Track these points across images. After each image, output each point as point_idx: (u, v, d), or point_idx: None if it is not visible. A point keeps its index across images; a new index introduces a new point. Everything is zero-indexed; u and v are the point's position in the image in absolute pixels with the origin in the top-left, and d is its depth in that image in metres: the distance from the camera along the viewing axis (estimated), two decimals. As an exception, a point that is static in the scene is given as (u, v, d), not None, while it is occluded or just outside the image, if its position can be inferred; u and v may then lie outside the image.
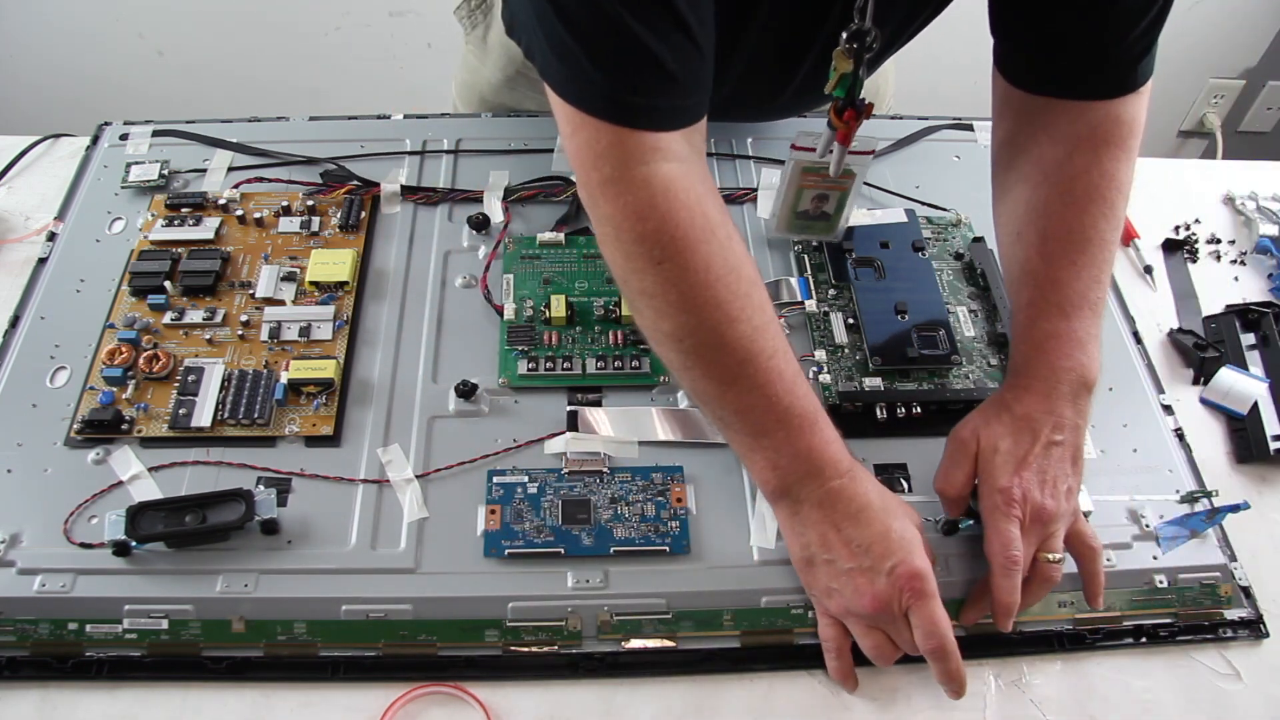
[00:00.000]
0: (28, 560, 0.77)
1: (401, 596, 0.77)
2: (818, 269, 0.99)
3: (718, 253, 0.73)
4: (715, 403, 0.76)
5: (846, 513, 0.74)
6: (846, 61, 0.73)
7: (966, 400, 0.89)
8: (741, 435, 0.76)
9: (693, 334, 0.73)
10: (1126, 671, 0.79)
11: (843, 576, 0.73)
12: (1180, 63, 2.24)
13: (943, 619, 0.72)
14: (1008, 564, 0.75)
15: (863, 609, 0.72)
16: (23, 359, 0.90)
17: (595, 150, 0.72)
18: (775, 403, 0.74)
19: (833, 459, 0.75)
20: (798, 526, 0.76)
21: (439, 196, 1.05)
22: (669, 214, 0.72)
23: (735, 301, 0.73)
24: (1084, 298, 0.81)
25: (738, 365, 0.73)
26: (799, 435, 0.74)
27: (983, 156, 1.12)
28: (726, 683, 0.77)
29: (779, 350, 0.74)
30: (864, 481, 0.76)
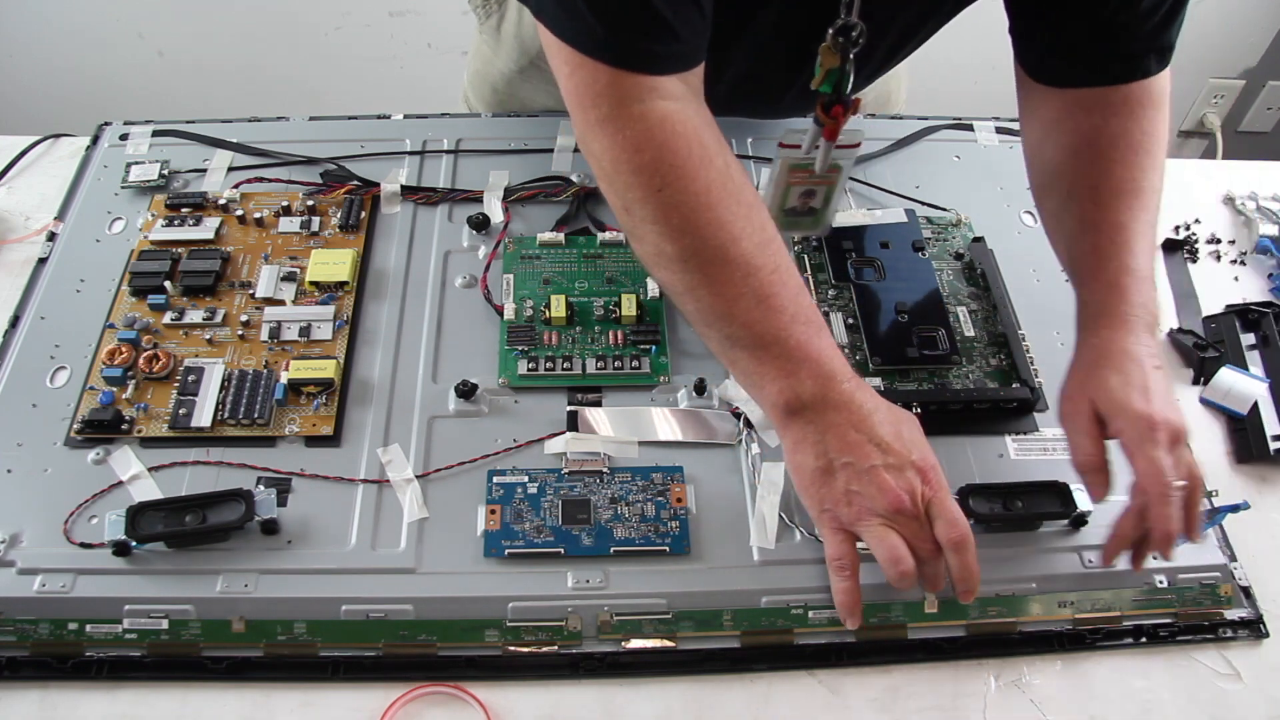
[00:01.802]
0: (28, 560, 0.77)
1: (401, 596, 0.77)
2: (817, 269, 0.99)
3: (717, 177, 0.74)
4: (723, 319, 0.75)
5: (860, 415, 0.74)
6: (833, 57, 0.75)
7: (966, 400, 0.89)
8: (752, 350, 0.75)
9: (697, 254, 0.74)
10: (1126, 671, 0.79)
11: (864, 476, 0.73)
12: (1180, 63, 2.21)
13: (961, 512, 0.74)
14: (1167, 491, 0.74)
15: (887, 505, 0.72)
16: (23, 359, 0.90)
17: (593, 90, 0.74)
18: (783, 311, 0.74)
19: (840, 365, 0.75)
20: (814, 435, 0.75)
21: (439, 196, 1.05)
22: (665, 143, 0.73)
23: (737, 221, 0.74)
24: (1144, 239, 0.83)
25: (742, 279, 0.74)
26: (808, 344, 0.74)
27: (983, 156, 1.13)
28: (726, 683, 0.77)
29: (781, 265, 0.75)
30: (869, 390, 0.77)
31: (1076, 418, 0.80)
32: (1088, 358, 0.81)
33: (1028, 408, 0.90)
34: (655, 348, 0.92)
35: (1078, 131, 0.87)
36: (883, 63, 1.00)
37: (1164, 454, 0.75)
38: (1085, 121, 0.86)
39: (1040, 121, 0.90)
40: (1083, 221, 0.85)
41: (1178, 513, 0.75)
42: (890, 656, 0.79)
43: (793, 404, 0.75)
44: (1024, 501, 0.82)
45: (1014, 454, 0.88)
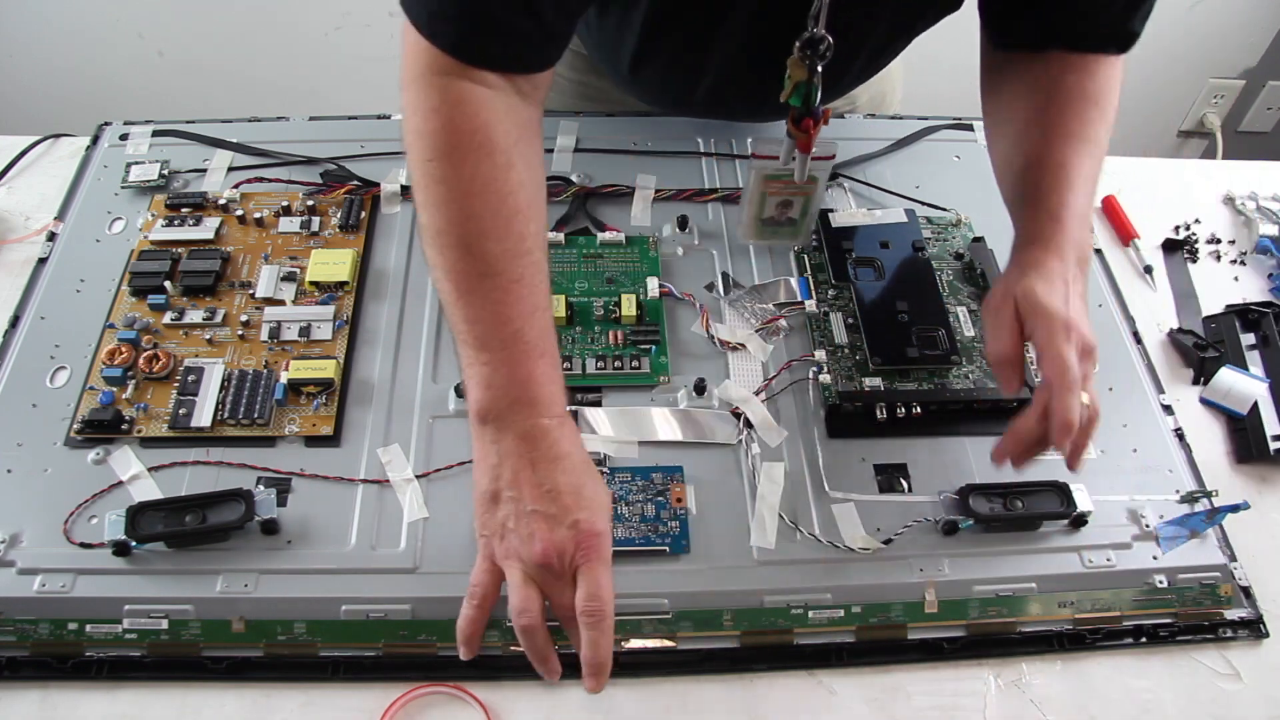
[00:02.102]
0: (28, 560, 0.77)
1: (401, 596, 0.77)
2: (817, 269, 0.99)
3: (488, 170, 0.74)
4: (450, 307, 0.75)
5: (547, 455, 0.72)
6: (800, 69, 0.74)
7: (966, 400, 0.89)
8: (466, 348, 0.74)
9: (443, 235, 0.74)
10: (1126, 671, 0.79)
11: (523, 517, 0.71)
12: (1180, 63, 2.24)
13: (609, 588, 0.70)
14: (1071, 382, 0.75)
15: (532, 555, 0.70)
16: (23, 359, 0.90)
17: (415, 49, 0.75)
18: (506, 323, 0.73)
19: (548, 398, 0.74)
20: (493, 456, 0.73)
21: (439, 196, 1.05)
22: (451, 120, 0.73)
23: (492, 220, 0.74)
24: (1087, 181, 0.85)
25: (478, 277, 0.73)
26: (521, 361, 0.73)
27: (983, 156, 1.13)
28: (726, 683, 0.77)
29: (526, 279, 0.74)
30: (571, 434, 0.74)
31: (999, 314, 0.80)
32: (1017, 269, 0.82)
33: (1028, 408, 0.90)
34: (655, 348, 0.92)
35: (1035, 82, 0.88)
36: (860, 74, 1.01)
37: (1072, 353, 0.76)
38: (1043, 74, 0.88)
39: (999, 78, 0.92)
40: (1029, 159, 0.86)
41: (1078, 404, 0.75)
42: (890, 656, 0.79)
43: (484, 416, 0.73)
44: (1024, 501, 0.82)
45: (1014, 454, 0.88)
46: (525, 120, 0.78)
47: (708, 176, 1.10)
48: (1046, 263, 0.81)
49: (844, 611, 0.79)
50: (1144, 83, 2.26)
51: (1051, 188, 0.84)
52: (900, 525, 0.82)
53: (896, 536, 0.81)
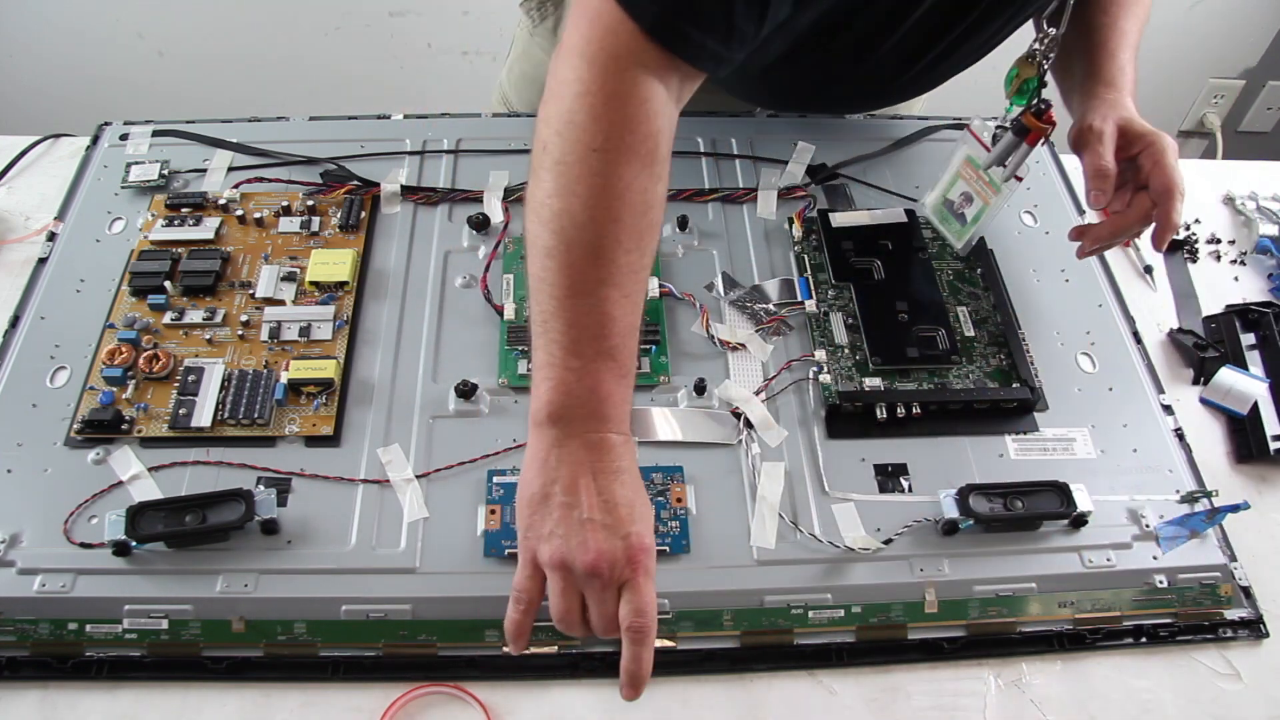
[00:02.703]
0: (28, 560, 0.77)
1: (401, 596, 0.77)
2: (817, 269, 0.99)
3: (644, 180, 0.72)
4: (554, 303, 0.72)
5: (609, 467, 0.71)
6: (1030, 68, 0.83)
7: (966, 400, 0.89)
8: (556, 347, 0.72)
9: (577, 228, 0.71)
10: (1126, 671, 0.79)
11: (576, 524, 0.69)
12: (1180, 63, 2.24)
13: (654, 604, 0.69)
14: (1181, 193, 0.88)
15: (583, 563, 0.68)
16: (23, 359, 0.90)
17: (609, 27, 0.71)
18: (606, 337, 0.72)
19: (621, 416, 0.73)
20: (552, 459, 0.71)
21: (439, 196, 1.05)
22: (635, 118, 0.72)
23: (631, 230, 0.72)
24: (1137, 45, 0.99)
25: (595, 282, 0.72)
26: (606, 376, 0.72)
27: (983, 156, 1.13)
28: (726, 683, 0.77)
29: (634, 297, 0.74)
30: (633, 453, 0.74)
31: (1104, 133, 0.90)
32: (1102, 103, 0.93)
33: (1028, 407, 0.90)
34: (655, 348, 0.92)
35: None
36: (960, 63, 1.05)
37: (1178, 166, 0.88)
38: None
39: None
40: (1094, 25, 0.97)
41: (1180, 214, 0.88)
42: (890, 657, 0.79)
43: (553, 417, 0.72)
44: (1024, 501, 0.81)
45: (1014, 454, 0.88)
46: (674, 130, 0.77)
47: (708, 176, 1.10)
48: (1126, 102, 0.93)
49: (844, 611, 0.79)
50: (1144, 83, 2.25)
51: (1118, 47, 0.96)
52: (900, 525, 0.82)
53: (896, 536, 0.81)
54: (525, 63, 1.23)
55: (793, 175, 1.09)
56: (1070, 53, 0.97)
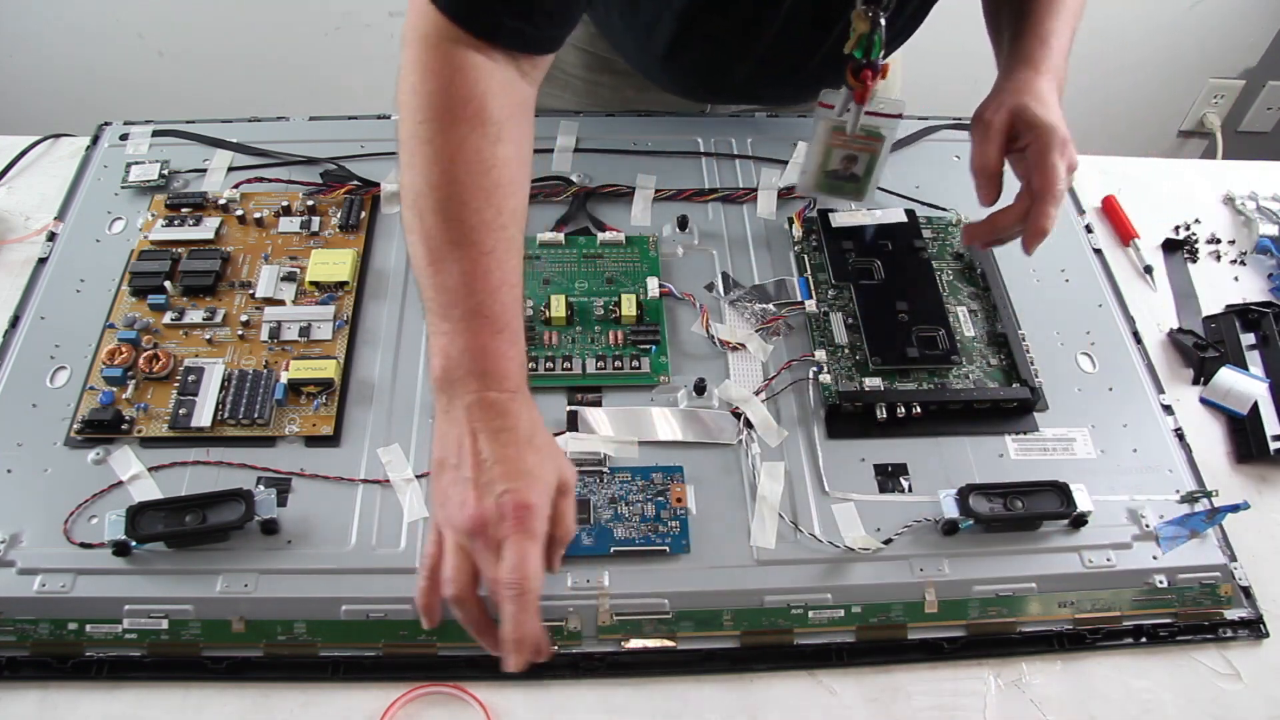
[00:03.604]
0: (28, 560, 0.77)
1: (401, 596, 0.77)
2: (817, 269, 0.99)
3: (478, 140, 0.74)
4: (420, 273, 0.74)
5: (490, 426, 0.70)
6: (864, 22, 0.76)
7: (966, 400, 0.89)
8: (431, 315, 0.74)
9: (423, 198, 0.74)
10: (1126, 671, 0.79)
11: (459, 485, 0.69)
12: (1180, 63, 2.24)
13: (536, 562, 0.66)
14: (1058, 195, 0.83)
15: (461, 522, 0.68)
16: (23, 359, 0.90)
17: (421, 12, 0.75)
18: (471, 295, 0.73)
19: (504, 372, 0.72)
20: (445, 424, 0.72)
21: (439, 196, 1.05)
22: (449, 85, 0.74)
23: (473, 189, 0.73)
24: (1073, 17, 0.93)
25: (451, 245, 0.73)
26: (479, 333, 0.72)
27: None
28: (726, 683, 0.77)
29: (498, 253, 0.74)
30: (525, 410, 0.73)
31: (991, 126, 0.86)
32: (1010, 86, 0.88)
33: (1028, 408, 0.90)
34: (655, 348, 0.92)
35: None
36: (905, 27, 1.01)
37: (1062, 164, 0.83)
38: None
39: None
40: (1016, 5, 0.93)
41: (1056, 214, 0.83)
42: (890, 656, 0.79)
43: (438, 383, 0.73)
44: (1024, 501, 0.81)
45: (1014, 454, 0.88)
46: (521, 99, 0.79)
47: (708, 176, 1.10)
48: (1038, 84, 0.87)
49: (844, 611, 0.79)
50: (1144, 83, 2.26)
51: (1042, 16, 0.90)
52: (900, 525, 0.82)
53: (896, 536, 0.81)
54: None
55: (793, 175, 1.09)
56: (1001, 18, 0.95)
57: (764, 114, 1.18)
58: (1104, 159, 1.21)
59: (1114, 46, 2.15)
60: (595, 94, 1.17)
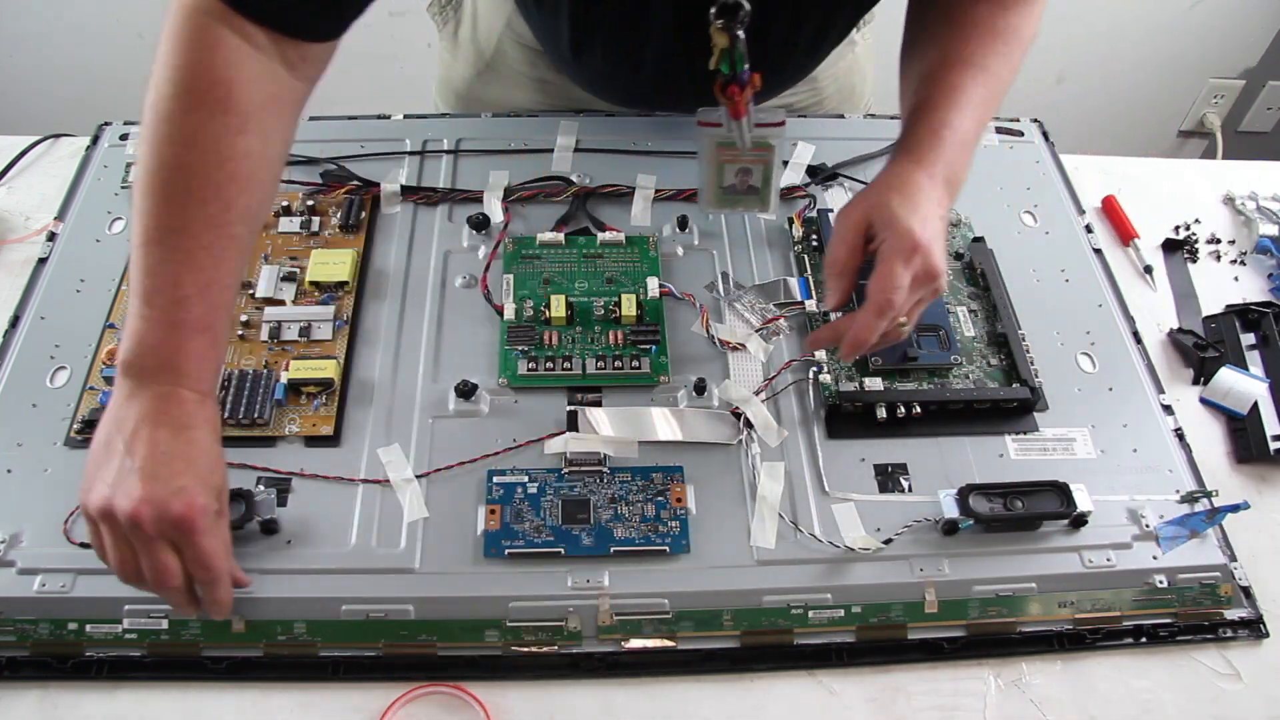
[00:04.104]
0: (28, 560, 0.77)
1: (401, 596, 0.77)
2: (817, 269, 0.99)
3: (217, 128, 0.70)
4: (133, 251, 0.71)
5: (174, 422, 0.70)
6: (721, 36, 0.72)
7: (967, 400, 0.89)
8: (134, 297, 0.71)
9: (151, 176, 0.70)
10: (1126, 671, 0.79)
11: (127, 472, 0.68)
12: (1180, 63, 2.24)
13: (215, 551, 0.70)
14: (886, 305, 0.76)
15: (124, 511, 0.67)
16: (23, 359, 0.90)
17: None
18: (177, 286, 0.70)
19: (196, 372, 0.71)
20: (122, 410, 0.70)
21: (439, 196, 1.05)
22: (197, 64, 0.70)
23: (201, 179, 0.70)
24: (977, 108, 0.83)
25: (167, 231, 0.70)
26: (179, 328, 0.70)
27: (982, 156, 1.13)
28: (726, 683, 0.77)
29: (215, 249, 0.71)
30: (209, 414, 0.72)
31: (847, 222, 0.80)
32: (882, 180, 0.81)
33: (1028, 408, 0.90)
34: (655, 348, 0.92)
35: (947, 11, 0.86)
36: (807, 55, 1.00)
37: (905, 274, 0.76)
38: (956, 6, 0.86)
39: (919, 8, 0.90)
40: (925, 76, 0.85)
41: (881, 328, 0.77)
42: (890, 657, 0.79)
43: (127, 366, 0.71)
44: (1024, 501, 0.81)
45: (1014, 454, 0.88)
46: (281, 92, 0.75)
47: (708, 176, 1.09)
48: (914, 178, 0.79)
49: (844, 611, 0.79)
50: (1144, 83, 2.26)
51: (937, 105, 0.82)
52: (900, 525, 0.82)
53: (896, 536, 0.81)
54: (440, 67, 1.24)
55: (792, 175, 1.09)
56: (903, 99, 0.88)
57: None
58: (1104, 159, 1.21)
59: (1114, 46, 2.15)
60: (545, 90, 1.16)
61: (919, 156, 0.81)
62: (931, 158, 0.80)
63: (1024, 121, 1.19)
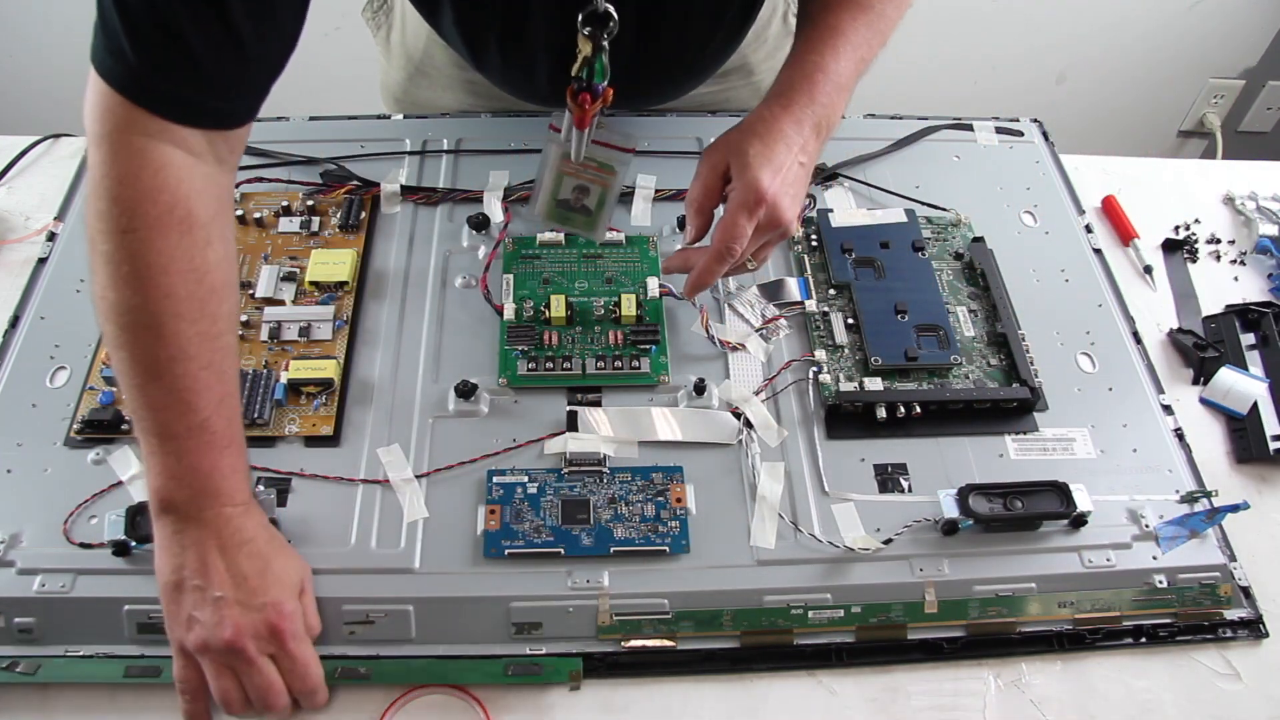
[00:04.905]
0: (28, 560, 0.77)
1: (401, 596, 0.77)
2: (817, 269, 0.99)
3: (187, 247, 0.70)
4: (135, 392, 0.71)
5: (232, 541, 0.71)
6: (586, 44, 0.73)
7: (967, 400, 0.89)
8: (149, 435, 0.71)
9: (133, 313, 0.69)
10: (1126, 671, 0.79)
11: (210, 605, 0.69)
12: (1180, 63, 2.24)
13: (312, 658, 0.73)
14: (727, 253, 0.81)
15: (221, 641, 0.69)
16: (23, 359, 0.90)
17: (104, 105, 0.69)
18: (192, 412, 0.70)
19: (232, 488, 0.73)
20: (176, 546, 0.71)
21: (439, 196, 1.05)
22: (152, 190, 0.68)
23: (187, 300, 0.70)
24: (856, 49, 0.84)
25: (167, 361, 0.70)
26: (205, 451, 0.71)
27: (982, 156, 1.14)
28: (726, 683, 0.77)
29: (216, 365, 0.72)
30: (256, 518, 0.74)
31: (707, 163, 0.84)
32: (747, 124, 0.83)
33: (1028, 408, 0.90)
34: (655, 348, 0.92)
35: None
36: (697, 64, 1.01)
37: (748, 224, 0.80)
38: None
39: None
40: (808, 17, 0.86)
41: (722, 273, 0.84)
42: (890, 657, 0.79)
43: (165, 504, 0.71)
44: (1024, 501, 0.82)
45: (1014, 454, 0.88)
46: (223, 192, 0.75)
47: (708, 176, 1.09)
48: (778, 122, 0.81)
49: (844, 611, 0.79)
50: (1144, 82, 2.26)
51: (814, 47, 0.83)
52: (900, 525, 0.82)
53: (896, 536, 0.81)
54: (379, 72, 1.25)
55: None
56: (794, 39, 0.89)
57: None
58: (1104, 159, 1.21)
59: (1114, 46, 2.15)
60: (473, 91, 1.16)
61: (788, 101, 0.82)
62: (802, 102, 0.82)
63: (1024, 121, 1.19)
